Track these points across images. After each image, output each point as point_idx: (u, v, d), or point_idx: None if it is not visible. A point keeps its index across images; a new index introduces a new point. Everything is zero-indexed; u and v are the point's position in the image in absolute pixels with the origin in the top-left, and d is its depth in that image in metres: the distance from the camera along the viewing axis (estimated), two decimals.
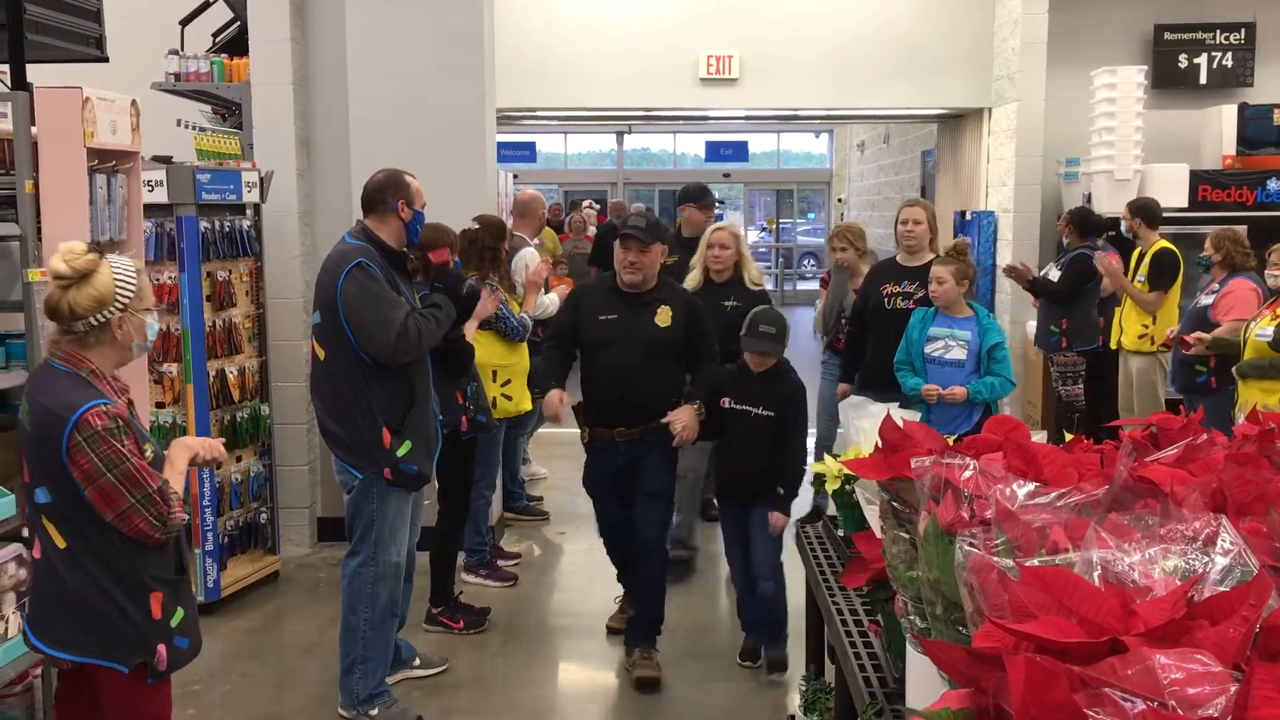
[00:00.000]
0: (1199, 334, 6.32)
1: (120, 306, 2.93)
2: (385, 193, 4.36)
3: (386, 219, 4.37)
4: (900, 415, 2.72)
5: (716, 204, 7.30)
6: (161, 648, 2.99)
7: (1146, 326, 7.42)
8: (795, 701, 4.25)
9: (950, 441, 2.32)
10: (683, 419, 4.69)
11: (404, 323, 4.21)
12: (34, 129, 3.93)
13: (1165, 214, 7.83)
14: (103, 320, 2.90)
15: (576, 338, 4.96)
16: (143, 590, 2.96)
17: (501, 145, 9.76)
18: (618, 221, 10.60)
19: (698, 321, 4.93)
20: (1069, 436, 2.43)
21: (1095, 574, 1.37)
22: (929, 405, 5.31)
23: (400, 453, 4.30)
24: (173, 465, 3.05)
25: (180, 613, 3.06)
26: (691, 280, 5.96)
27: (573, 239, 13.50)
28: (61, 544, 2.92)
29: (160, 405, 5.70)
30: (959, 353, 5.40)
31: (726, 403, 4.83)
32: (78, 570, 2.92)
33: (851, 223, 9.18)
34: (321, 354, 4.35)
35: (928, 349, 5.46)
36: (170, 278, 5.64)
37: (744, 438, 4.82)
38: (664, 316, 4.83)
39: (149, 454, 2.97)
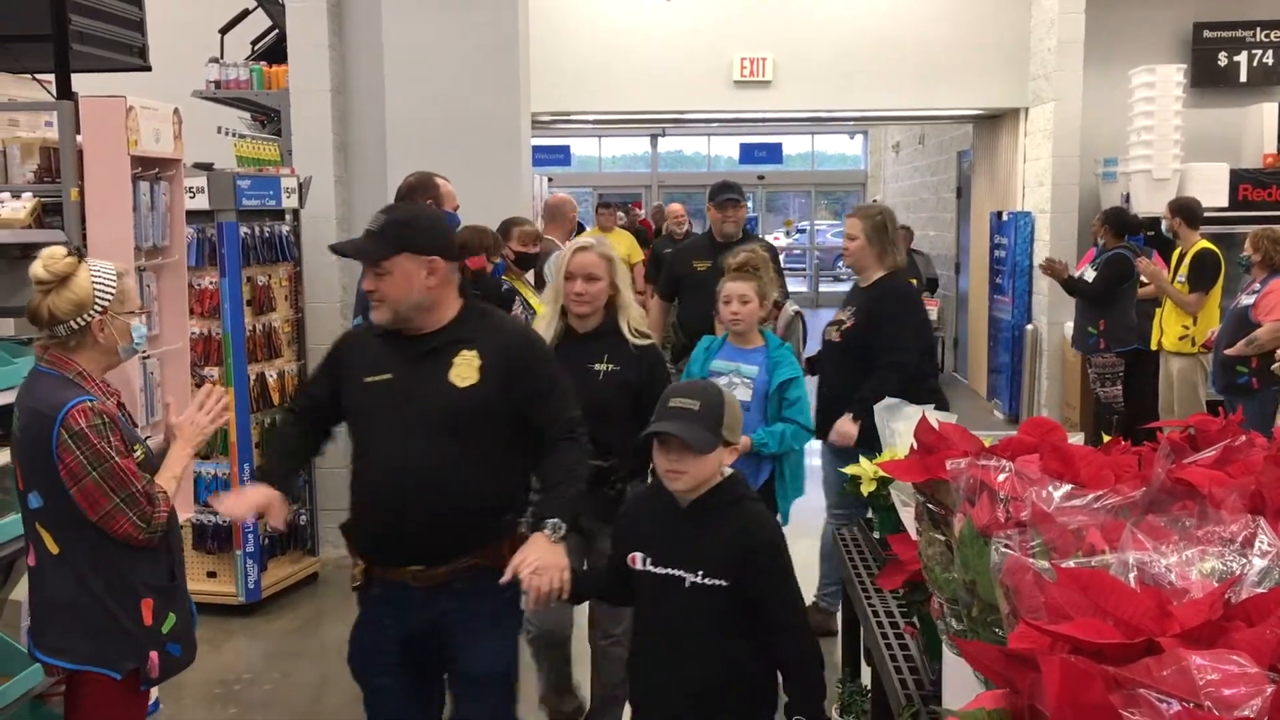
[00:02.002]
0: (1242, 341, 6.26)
1: (100, 309, 2.90)
2: (415, 194, 4.45)
3: None
4: (936, 418, 2.72)
5: (742, 201, 6.34)
6: (154, 655, 2.96)
7: (1187, 328, 7.35)
8: (832, 704, 4.25)
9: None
10: (534, 560, 2.79)
11: None
12: (79, 137, 4.01)
13: (1205, 214, 7.75)
14: (83, 324, 2.89)
15: (336, 406, 3.17)
16: (133, 596, 2.92)
17: (536, 149, 9.80)
18: (674, 227, 9.97)
19: (521, 370, 3.04)
20: (1107, 438, 2.42)
21: (1131, 576, 1.38)
22: None
23: None
24: (168, 468, 3.01)
25: (172, 619, 3.02)
26: (543, 324, 3.97)
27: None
28: (54, 550, 2.91)
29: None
30: (743, 393, 4.33)
31: (637, 561, 2.80)
32: (69, 576, 2.90)
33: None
34: None
35: None
36: (211, 283, 5.72)
37: (676, 627, 2.77)
38: (465, 369, 2.96)
39: (138, 455, 2.95)
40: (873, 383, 4.58)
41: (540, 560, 2.79)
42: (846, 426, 4.76)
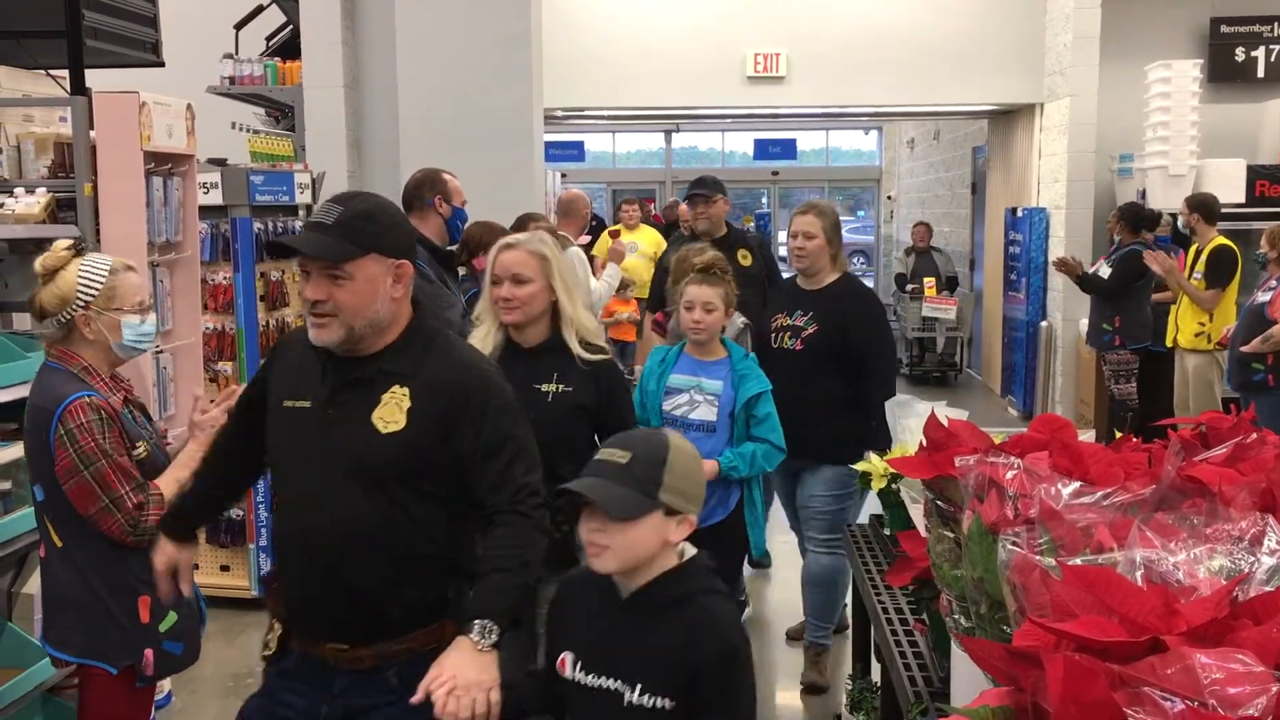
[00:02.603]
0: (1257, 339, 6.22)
1: (82, 304, 2.87)
2: (423, 190, 4.46)
3: (426, 216, 4.46)
4: (945, 414, 2.71)
5: (713, 197, 5.73)
6: (149, 652, 2.91)
7: (1203, 324, 7.30)
8: (842, 701, 4.25)
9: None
10: (450, 675, 2.17)
11: (462, 320, 4.29)
12: (92, 133, 4.03)
13: (1222, 210, 7.71)
14: (67, 318, 2.87)
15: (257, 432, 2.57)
16: (130, 593, 2.89)
17: (550, 145, 9.81)
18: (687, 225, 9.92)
19: (459, 418, 2.39)
20: (1120, 435, 2.41)
21: (1138, 574, 1.37)
22: None
23: None
24: (175, 470, 2.94)
25: (173, 618, 2.96)
26: (482, 337, 3.44)
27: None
28: (58, 543, 2.91)
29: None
30: (707, 411, 3.88)
31: (567, 665, 2.18)
32: (71, 569, 2.90)
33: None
34: None
35: (667, 405, 3.90)
36: (225, 278, 5.73)
37: None
38: (391, 410, 2.37)
39: (141, 452, 2.92)
40: (880, 388, 4.19)
41: (459, 676, 2.15)
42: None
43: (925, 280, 11.91)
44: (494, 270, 3.36)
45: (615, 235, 7.47)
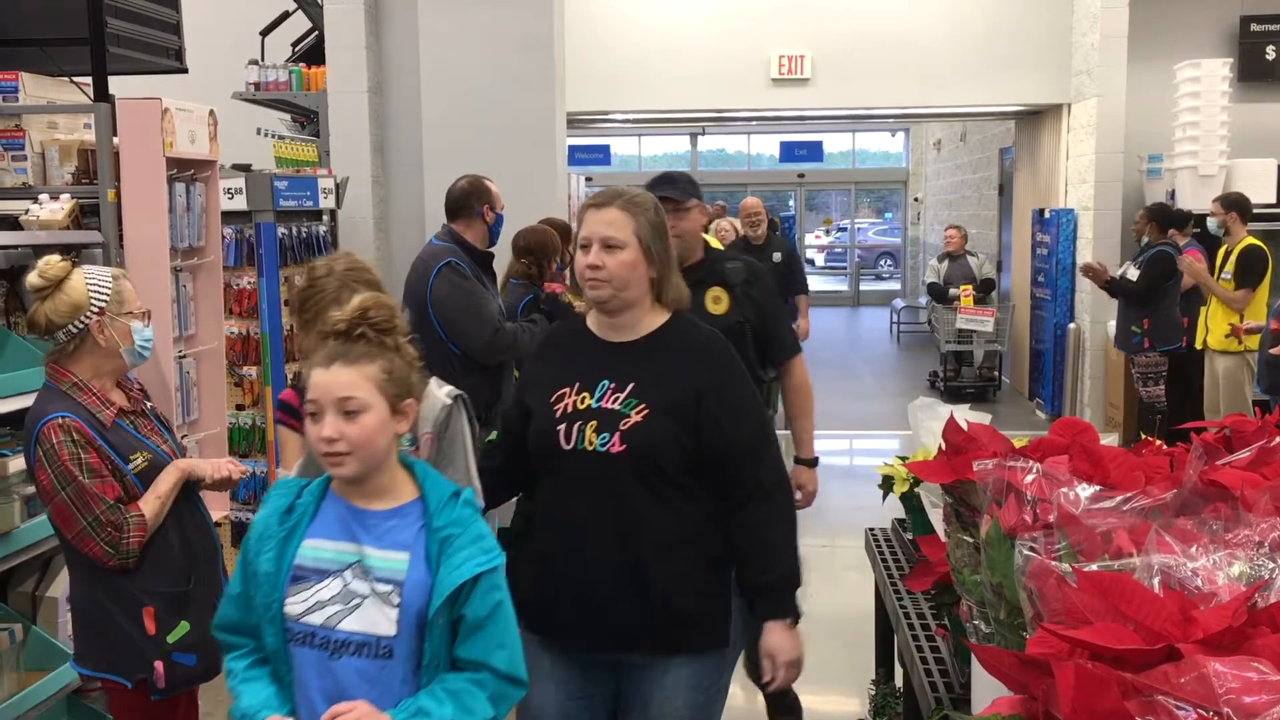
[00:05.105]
0: None
1: (96, 310, 2.84)
2: (470, 199, 4.58)
3: (472, 223, 4.59)
4: (967, 417, 2.68)
5: (684, 202, 3.62)
6: (159, 664, 2.84)
7: (1233, 325, 7.22)
8: (865, 706, 4.22)
9: None
10: None
11: (498, 319, 4.37)
12: (116, 139, 4.05)
13: (1253, 209, 7.63)
14: (81, 326, 2.83)
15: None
16: (134, 603, 2.83)
17: (576, 148, 9.82)
18: (749, 230, 8.80)
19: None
20: (1142, 438, 2.37)
21: (1155, 579, 1.34)
22: None
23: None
24: (154, 489, 2.86)
25: (184, 627, 2.88)
26: None
27: None
28: (67, 555, 2.90)
29: (240, 407, 5.84)
30: (377, 615, 2.05)
31: None
32: (81, 583, 2.88)
33: None
34: None
35: (293, 601, 2.07)
36: (249, 283, 5.77)
37: None
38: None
39: (139, 464, 2.86)
40: (777, 507, 2.81)
41: None
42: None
43: (962, 288, 11.25)
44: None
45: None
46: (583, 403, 2.61)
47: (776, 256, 8.58)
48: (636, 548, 2.56)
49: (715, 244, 3.84)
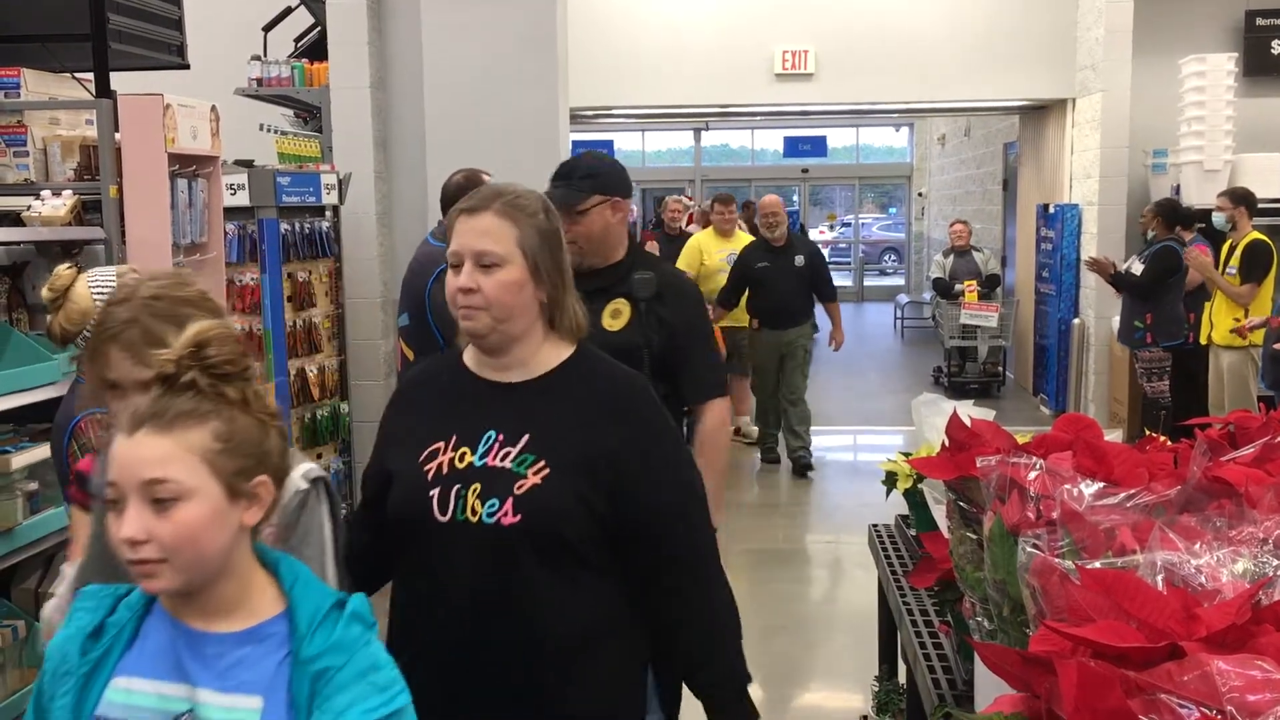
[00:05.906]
0: None
1: None
2: (465, 193, 4.48)
3: None
4: (971, 413, 2.67)
5: (580, 204, 3.18)
6: None
7: (1238, 320, 7.21)
8: (868, 702, 4.22)
9: None
10: None
11: None
12: (118, 135, 4.05)
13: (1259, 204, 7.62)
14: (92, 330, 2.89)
15: None
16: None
17: (580, 144, 9.80)
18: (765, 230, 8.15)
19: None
20: (1147, 434, 2.37)
21: (1159, 577, 1.34)
22: None
23: None
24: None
25: None
26: None
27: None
28: None
29: None
30: None
31: None
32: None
33: None
34: (410, 355, 4.44)
35: None
36: (252, 279, 5.76)
37: None
38: None
39: None
40: (711, 597, 2.41)
41: None
42: None
43: (966, 283, 11.27)
44: None
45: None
46: (462, 460, 2.04)
47: (799, 260, 8.01)
48: (536, 649, 1.99)
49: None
